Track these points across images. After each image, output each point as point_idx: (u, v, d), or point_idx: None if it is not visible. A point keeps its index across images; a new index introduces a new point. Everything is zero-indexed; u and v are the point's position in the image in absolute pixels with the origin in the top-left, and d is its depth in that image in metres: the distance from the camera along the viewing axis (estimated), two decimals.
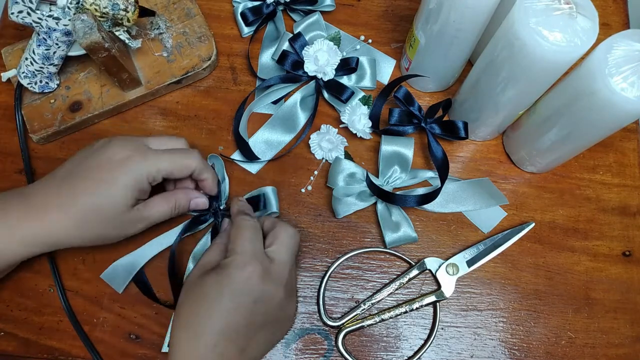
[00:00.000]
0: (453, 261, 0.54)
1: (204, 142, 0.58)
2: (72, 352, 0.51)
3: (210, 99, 0.60)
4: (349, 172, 0.55)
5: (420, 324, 0.53)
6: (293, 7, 0.62)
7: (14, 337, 0.51)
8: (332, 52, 0.58)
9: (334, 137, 0.57)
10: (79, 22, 0.48)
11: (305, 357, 0.52)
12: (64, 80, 0.57)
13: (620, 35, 0.43)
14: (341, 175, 0.55)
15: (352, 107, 0.57)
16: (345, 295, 0.54)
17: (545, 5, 0.42)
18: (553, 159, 0.55)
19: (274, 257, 0.46)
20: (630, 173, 0.59)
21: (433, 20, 0.50)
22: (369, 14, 0.64)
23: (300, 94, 0.59)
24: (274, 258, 0.46)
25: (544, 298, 0.54)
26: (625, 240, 0.57)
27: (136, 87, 0.57)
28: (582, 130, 0.48)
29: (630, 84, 0.41)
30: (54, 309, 0.52)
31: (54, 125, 0.56)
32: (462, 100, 0.57)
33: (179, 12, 0.61)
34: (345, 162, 0.55)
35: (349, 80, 0.60)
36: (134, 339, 0.52)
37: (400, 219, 0.54)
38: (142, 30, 0.59)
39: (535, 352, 0.53)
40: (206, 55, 0.59)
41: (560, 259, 0.56)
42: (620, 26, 0.65)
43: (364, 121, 0.56)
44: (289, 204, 0.56)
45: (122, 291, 0.52)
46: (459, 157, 0.59)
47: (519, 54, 0.43)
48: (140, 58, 0.59)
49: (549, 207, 0.57)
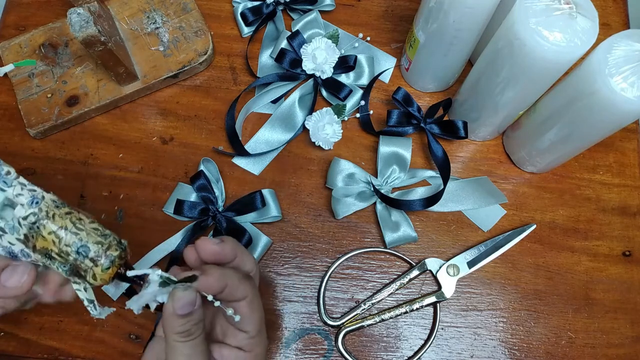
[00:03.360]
0: (454, 262, 0.54)
1: (204, 142, 0.58)
2: (72, 352, 0.51)
3: (210, 99, 0.60)
4: (348, 172, 0.55)
5: (420, 324, 0.53)
6: (293, 7, 0.62)
7: (14, 337, 0.51)
8: (330, 50, 0.58)
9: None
10: (75, 16, 0.47)
11: (305, 357, 0.52)
12: (60, 75, 0.57)
13: (620, 35, 0.43)
14: (340, 176, 0.55)
15: (320, 114, 0.56)
16: (345, 295, 0.54)
17: (545, 5, 0.42)
18: (553, 159, 0.55)
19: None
20: (630, 173, 0.59)
21: (433, 20, 0.50)
22: (369, 14, 0.64)
23: (298, 92, 0.59)
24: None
25: (544, 298, 0.54)
26: (625, 240, 0.57)
27: (133, 81, 0.57)
28: (582, 130, 0.48)
29: (630, 84, 0.41)
30: (54, 309, 0.52)
31: (51, 120, 0.56)
32: (462, 100, 0.57)
33: (175, 6, 0.61)
34: (344, 163, 0.55)
35: (347, 78, 0.60)
36: (134, 339, 0.52)
37: (400, 219, 0.54)
38: (139, 24, 0.59)
39: (535, 352, 0.53)
40: (202, 50, 0.59)
41: (560, 259, 0.56)
42: (620, 26, 0.65)
43: (328, 130, 0.55)
44: (289, 204, 0.56)
45: (116, 299, 0.52)
46: (459, 157, 0.59)
47: (519, 54, 0.43)
48: (137, 52, 0.59)
49: (549, 207, 0.57)
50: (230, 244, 0.40)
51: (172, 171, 0.57)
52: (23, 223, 0.34)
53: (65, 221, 0.34)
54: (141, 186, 0.56)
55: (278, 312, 0.53)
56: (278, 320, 0.53)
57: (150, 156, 0.58)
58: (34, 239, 0.34)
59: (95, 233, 0.35)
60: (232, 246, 0.40)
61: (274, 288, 0.54)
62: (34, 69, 0.58)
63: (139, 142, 0.58)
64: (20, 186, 0.34)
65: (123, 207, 0.56)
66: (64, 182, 0.56)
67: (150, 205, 0.56)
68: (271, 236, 0.55)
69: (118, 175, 0.57)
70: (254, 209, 0.53)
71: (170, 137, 0.58)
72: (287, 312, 0.53)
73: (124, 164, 0.57)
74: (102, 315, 0.37)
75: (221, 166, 0.57)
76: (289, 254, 0.55)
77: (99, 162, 0.57)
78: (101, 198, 0.56)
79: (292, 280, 0.54)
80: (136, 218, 0.55)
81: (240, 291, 0.37)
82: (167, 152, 0.58)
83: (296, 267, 0.54)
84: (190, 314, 0.35)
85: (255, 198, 0.53)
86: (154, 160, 0.57)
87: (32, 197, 0.34)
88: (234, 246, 0.40)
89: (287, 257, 0.55)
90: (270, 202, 0.54)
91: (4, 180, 0.34)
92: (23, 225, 0.34)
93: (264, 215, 0.54)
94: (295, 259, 0.55)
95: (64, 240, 0.34)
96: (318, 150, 0.58)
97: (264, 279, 0.54)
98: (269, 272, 0.54)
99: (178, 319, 0.35)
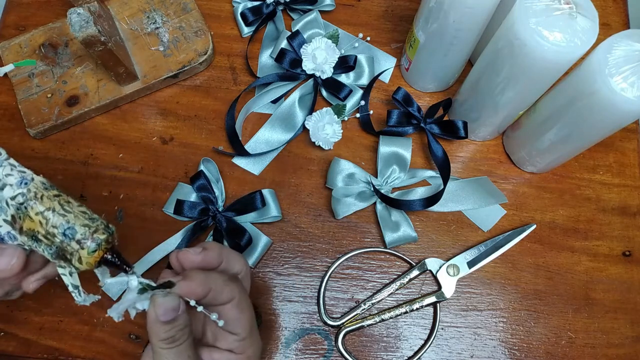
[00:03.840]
0: (454, 262, 0.54)
1: (204, 142, 0.58)
2: (72, 352, 0.51)
3: (210, 99, 0.60)
4: (347, 172, 0.55)
5: (420, 324, 0.53)
6: (293, 7, 0.62)
7: (14, 337, 0.51)
8: (330, 50, 0.58)
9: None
10: (75, 16, 0.47)
11: (305, 357, 0.52)
12: (60, 75, 0.57)
13: (620, 35, 0.43)
14: (340, 176, 0.55)
15: (320, 114, 0.56)
16: (345, 295, 0.54)
17: (545, 5, 0.42)
18: (553, 159, 0.55)
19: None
20: (630, 173, 0.59)
21: (433, 20, 0.50)
22: (369, 14, 0.64)
23: (298, 92, 0.59)
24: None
25: (544, 298, 0.54)
26: (625, 240, 0.57)
27: (133, 81, 0.58)
28: (582, 130, 0.48)
29: (630, 84, 0.41)
30: (54, 309, 0.52)
31: (51, 120, 0.56)
32: (462, 100, 0.57)
33: (175, 6, 0.61)
34: (344, 163, 0.55)
35: (347, 78, 0.60)
36: (134, 339, 0.52)
37: (400, 219, 0.54)
38: (139, 24, 0.59)
39: (535, 352, 0.53)
40: (202, 50, 0.59)
41: (560, 259, 0.56)
42: (620, 26, 0.65)
43: (328, 130, 0.56)
44: (289, 204, 0.56)
45: (116, 299, 0.52)
46: (459, 157, 0.59)
47: (519, 54, 0.43)
48: (137, 52, 0.59)
49: (549, 207, 0.57)
50: (214, 250, 0.39)
51: (172, 171, 0.57)
52: (11, 203, 0.34)
53: (54, 203, 0.34)
54: (141, 186, 0.56)
55: (278, 312, 0.53)
56: (278, 320, 0.53)
57: (150, 156, 0.58)
58: (21, 220, 0.34)
59: (83, 216, 0.35)
60: (216, 252, 0.39)
61: (274, 288, 0.54)
62: (34, 69, 0.58)
63: (139, 142, 0.58)
64: (10, 167, 0.34)
65: (123, 207, 0.56)
66: (64, 182, 0.56)
67: (150, 205, 0.56)
68: (271, 236, 0.55)
69: (118, 175, 0.57)
70: (254, 209, 0.53)
71: (170, 137, 0.58)
72: (287, 312, 0.53)
73: (124, 164, 0.57)
74: (87, 302, 0.37)
75: (221, 166, 0.57)
76: (289, 254, 0.55)
77: (99, 162, 0.57)
78: (101, 198, 0.56)
79: (292, 280, 0.54)
80: (136, 218, 0.55)
81: (225, 294, 0.37)
82: (167, 152, 0.58)
83: (296, 267, 0.54)
84: (174, 320, 0.34)
85: (255, 198, 0.53)
86: (154, 160, 0.57)
87: (22, 178, 0.34)
88: (219, 251, 0.39)
89: (287, 257, 0.55)
90: (270, 202, 0.54)
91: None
92: (11, 205, 0.34)
93: (264, 215, 0.54)
94: (295, 259, 0.55)
95: (50, 221, 0.34)
96: (318, 150, 0.58)
97: (264, 279, 0.54)
98: (269, 272, 0.54)
99: (162, 325, 0.34)
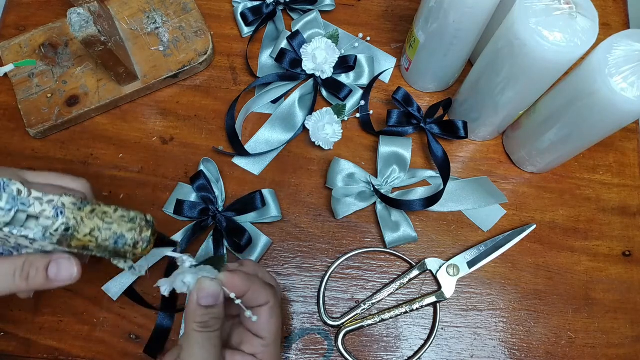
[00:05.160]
0: (454, 262, 0.54)
1: (204, 142, 0.58)
2: (72, 352, 0.51)
3: (210, 99, 0.60)
4: (348, 172, 0.55)
5: (420, 324, 0.53)
6: (293, 7, 0.62)
7: (14, 337, 0.51)
8: (330, 50, 0.58)
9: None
10: (75, 16, 0.47)
11: (305, 357, 0.52)
12: (60, 75, 0.57)
13: (620, 35, 0.43)
14: (340, 176, 0.55)
15: (320, 114, 0.56)
16: (345, 295, 0.54)
17: (545, 5, 0.42)
18: (553, 159, 0.55)
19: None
20: (630, 173, 0.59)
21: (433, 20, 0.50)
22: (369, 14, 0.64)
23: (298, 92, 0.59)
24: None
25: (544, 298, 0.54)
26: (625, 240, 0.57)
27: (133, 81, 0.58)
28: (582, 130, 0.48)
29: (630, 84, 0.41)
30: (54, 309, 0.52)
31: (51, 120, 0.56)
32: (462, 100, 0.57)
33: (175, 6, 0.61)
34: (344, 163, 0.55)
35: (347, 78, 0.60)
36: (134, 339, 0.52)
37: (400, 219, 0.54)
38: (139, 24, 0.59)
39: (535, 352, 0.53)
40: (202, 50, 0.59)
41: (560, 259, 0.56)
42: (620, 26, 0.65)
43: (328, 130, 0.56)
44: (289, 204, 0.56)
45: (116, 299, 0.52)
46: (459, 157, 0.59)
47: (519, 54, 0.43)
48: (137, 52, 0.59)
49: (549, 207, 0.57)
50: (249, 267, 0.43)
51: (172, 171, 0.57)
52: (54, 233, 0.34)
53: (94, 221, 0.35)
54: (141, 186, 0.56)
55: None
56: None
57: (150, 156, 0.58)
58: (68, 241, 0.35)
59: (124, 220, 0.36)
60: (252, 266, 0.44)
61: None
62: (34, 69, 0.58)
63: (139, 142, 0.58)
64: (37, 202, 0.34)
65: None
66: None
67: (150, 205, 0.56)
68: (271, 236, 0.55)
69: (118, 175, 0.57)
70: (254, 209, 0.53)
71: (170, 137, 0.58)
72: (287, 312, 0.53)
73: (124, 164, 0.57)
74: (142, 272, 0.40)
75: (221, 166, 0.57)
76: (289, 254, 0.55)
77: (99, 162, 0.57)
78: (101, 198, 0.56)
79: (292, 280, 0.54)
80: None
81: (262, 296, 0.39)
82: (167, 152, 0.58)
83: (296, 267, 0.55)
84: (211, 307, 0.37)
85: (255, 198, 0.53)
86: (154, 160, 0.57)
87: (54, 209, 0.35)
88: (254, 266, 0.44)
89: (287, 257, 0.55)
90: (270, 202, 0.54)
91: (22, 202, 0.34)
92: (54, 235, 0.34)
93: (264, 215, 0.54)
94: (295, 259, 0.55)
95: (100, 238, 0.35)
96: (318, 150, 0.58)
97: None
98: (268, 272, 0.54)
99: (199, 308, 0.37)
